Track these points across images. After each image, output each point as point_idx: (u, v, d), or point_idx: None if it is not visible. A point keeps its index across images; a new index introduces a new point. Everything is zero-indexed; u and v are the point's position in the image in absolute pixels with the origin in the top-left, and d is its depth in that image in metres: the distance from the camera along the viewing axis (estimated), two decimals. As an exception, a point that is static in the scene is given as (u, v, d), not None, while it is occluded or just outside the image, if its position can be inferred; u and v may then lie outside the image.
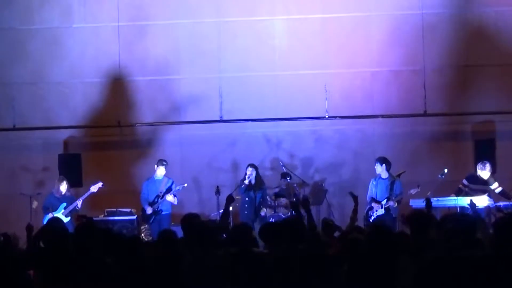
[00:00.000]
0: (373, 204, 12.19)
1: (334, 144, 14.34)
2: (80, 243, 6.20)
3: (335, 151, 14.33)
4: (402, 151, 13.91)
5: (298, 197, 12.60)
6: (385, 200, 12.11)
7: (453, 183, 12.45)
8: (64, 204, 12.64)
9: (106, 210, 13.17)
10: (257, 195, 12.86)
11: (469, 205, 11.53)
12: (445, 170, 12.34)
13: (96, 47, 14.53)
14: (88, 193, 12.86)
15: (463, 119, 14.20)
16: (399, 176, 12.38)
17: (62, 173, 13.27)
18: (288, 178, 13.26)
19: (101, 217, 12.93)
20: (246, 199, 12.85)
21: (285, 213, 12.68)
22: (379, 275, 5.13)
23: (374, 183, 12.39)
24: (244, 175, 12.95)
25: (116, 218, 13.01)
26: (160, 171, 12.95)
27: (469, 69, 14.20)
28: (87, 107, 14.57)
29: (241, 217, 12.74)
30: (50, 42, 14.59)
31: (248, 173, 12.86)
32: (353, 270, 5.30)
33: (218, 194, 12.58)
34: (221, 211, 8.91)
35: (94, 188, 12.86)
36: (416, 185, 12.12)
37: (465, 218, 6.55)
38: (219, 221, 7.93)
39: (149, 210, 12.77)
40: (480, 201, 11.85)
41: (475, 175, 12.35)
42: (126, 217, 13.04)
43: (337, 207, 13.85)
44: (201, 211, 13.11)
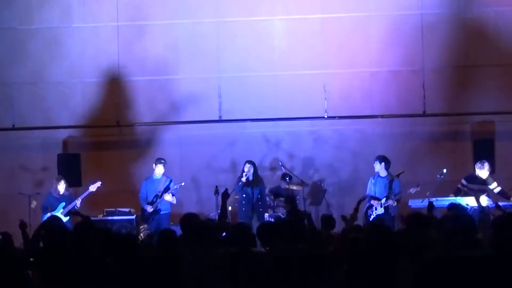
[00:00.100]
0: (373, 202, 12.17)
1: (333, 144, 14.34)
2: (79, 243, 6.20)
3: (334, 151, 14.32)
4: (401, 151, 13.90)
5: (287, 196, 12.46)
6: (385, 199, 12.10)
7: (452, 183, 12.45)
8: (63, 204, 12.64)
9: (105, 210, 13.15)
10: (255, 192, 12.79)
11: (477, 205, 11.56)
12: (444, 170, 12.35)
13: (96, 47, 14.53)
14: (87, 193, 12.85)
15: (462, 119, 14.20)
16: (398, 176, 12.37)
17: (61, 173, 13.27)
18: (288, 179, 13.26)
19: (100, 217, 12.91)
20: (243, 196, 12.80)
21: (284, 213, 12.67)
22: (379, 275, 5.13)
23: (373, 182, 12.39)
24: (241, 172, 12.92)
25: (115, 218, 13.00)
26: (159, 170, 12.94)
27: (468, 69, 14.21)
28: (87, 107, 14.57)
29: (239, 214, 12.73)
30: (50, 42, 14.58)
31: (246, 170, 12.80)
32: (353, 270, 5.30)
33: (217, 194, 12.56)
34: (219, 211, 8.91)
35: (93, 188, 12.86)
36: (416, 185, 12.13)
37: (465, 218, 6.56)
38: (217, 220, 7.91)
39: (150, 209, 12.75)
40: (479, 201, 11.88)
41: (474, 175, 12.34)
42: (125, 217, 13.03)
43: (336, 207, 13.83)
44: (200, 211, 13.07)
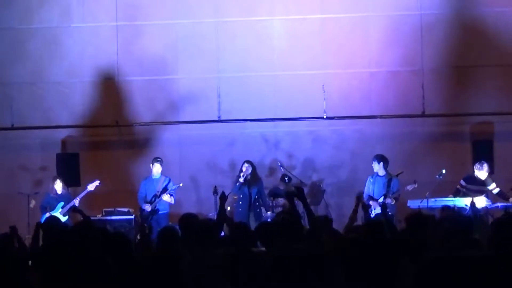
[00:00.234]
0: (371, 202, 12.17)
1: (332, 145, 14.34)
2: (78, 242, 6.19)
3: (333, 152, 14.32)
4: (400, 152, 13.90)
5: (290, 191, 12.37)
6: (382, 197, 12.09)
7: (451, 184, 12.45)
8: (62, 203, 12.63)
9: (104, 210, 13.14)
10: (252, 192, 12.78)
11: (470, 206, 11.59)
12: (443, 171, 12.33)
13: (95, 47, 14.53)
14: (85, 192, 12.85)
15: (462, 120, 14.19)
16: (397, 176, 12.37)
17: (60, 173, 13.26)
18: (287, 179, 13.26)
19: (99, 217, 12.89)
20: (241, 196, 12.78)
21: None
22: (379, 275, 5.14)
23: (371, 181, 12.38)
24: (240, 172, 12.91)
25: (114, 218, 12.98)
26: (156, 169, 12.93)
27: (468, 70, 14.21)
28: (86, 107, 14.56)
29: (235, 214, 12.71)
30: (49, 42, 14.58)
31: (244, 170, 12.78)
32: (353, 270, 5.30)
33: (216, 194, 12.55)
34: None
35: (91, 187, 12.85)
36: (413, 181, 12.13)
37: (462, 219, 6.58)
38: (216, 221, 7.91)
39: (148, 208, 12.74)
40: (478, 202, 11.88)
41: (473, 176, 12.33)
42: (124, 217, 13.01)
43: (335, 208, 13.85)
44: (199, 211, 13.08)
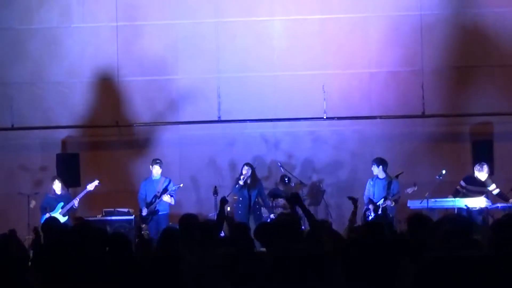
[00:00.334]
0: (371, 206, 12.18)
1: (332, 145, 14.34)
2: (78, 243, 6.20)
3: (333, 152, 14.32)
4: (400, 152, 13.91)
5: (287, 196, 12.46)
6: (382, 200, 12.10)
7: (451, 184, 12.45)
8: (61, 204, 12.63)
9: (104, 210, 13.13)
10: (252, 194, 12.78)
11: (465, 208, 11.61)
12: (443, 171, 12.33)
13: (95, 47, 14.53)
14: (85, 192, 12.85)
15: (461, 120, 14.19)
16: (397, 177, 12.36)
17: (60, 173, 13.26)
18: (286, 180, 13.26)
19: (99, 217, 12.91)
20: (240, 199, 12.78)
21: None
22: (379, 276, 5.13)
23: (371, 183, 12.39)
24: (240, 174, 12.90)
25: (114, 218, 12.98)
26: (156, 170, 12.93)
27: (468, 70, 14.21)
28: (86, 107, 14.57)
29: (235, 216, 12.71)
30: (49, 42, 14.59)
31: (244, 172, 12.77)
32: (353, 271, 5.30)
33: (216, 195, 12.58)
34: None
35: (91, 186, 12.85)
36: (413, 184, 12.14)
37: (462, 219, 6.58)
38: (215, 221, 7.93)
39: (144, 212, 12.73)
40: (478, 203, 11.89)
41: (473, 177, 12.33)
42: (124, 217, 13.01)
43: (335, 208, 13.85)
44: (199, 211, 13.09)
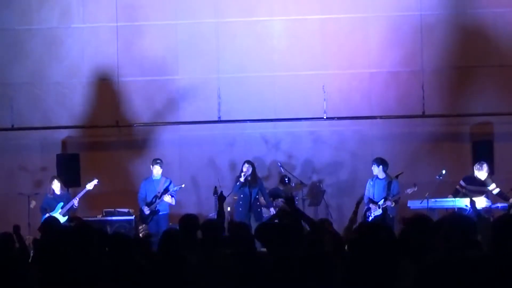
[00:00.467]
0: (371, 205, 12.18)
1: (332, 145, 14.34)
2: (78, 243, 6.19)
3: (333, 152, 14.32)
4: (400, 152, 13.91)
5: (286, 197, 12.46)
6: (382, 200, 12.09)
7: (452, 184, 12.43)
8: (61, 204, 12.62)
9: (104, 210, 13.14)
10: (253, 192, 12.75)
11: (470, 205, 11.58)
12: (443, 171, 12.32)
13: (95, 47, 14.54)
14: (84, 191, 12.84)
15: (462, 121, 14.19)
16: (397, 177, 12.35)
17: (60, 173, 13.27)
18: (287, 180, 13.24)
19: (99, 217, 12.91)
20: (241, 196, 12.76)
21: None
22: (379, 276, 5.13)
23: (371, 183, 12.37)
24: (240, 172, 12.88)
25: (114, 218, 12.99)
26: (156, 170, 12.92)
27: (468, 70, 14.21)
28: (86, 107, 14.58)
29: (236, 214, 12.70)
30: (49, 42, 14.59)
31: (245, 170, 12.74)
32: (353, 271, 5.30)
33: (216, 195, 12.54)
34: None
35: (90, 186, 12.84)
36: (413, 185, 12.14)
37: (463, 219, 6.56)
38: (217, 221, 7.93)
39: (147, 211, 12.74)
40: (478, 203, 11.89)
41: (473, 176, 12.31)
42: (124, 217, 13.01)
43: (335, 208, 13.86)
44: (199, 212, 13.10)
